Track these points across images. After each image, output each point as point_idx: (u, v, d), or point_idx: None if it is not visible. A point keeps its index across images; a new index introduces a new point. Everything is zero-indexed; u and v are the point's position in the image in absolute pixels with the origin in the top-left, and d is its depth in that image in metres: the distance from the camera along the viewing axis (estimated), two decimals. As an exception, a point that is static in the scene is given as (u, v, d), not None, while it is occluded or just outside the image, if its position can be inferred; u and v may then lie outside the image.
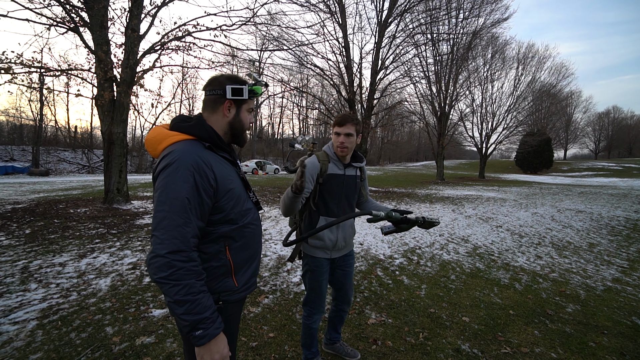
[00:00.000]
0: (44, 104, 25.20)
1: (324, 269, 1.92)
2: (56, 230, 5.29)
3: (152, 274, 0.95)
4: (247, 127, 1.24)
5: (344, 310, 2.14)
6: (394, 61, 13.41)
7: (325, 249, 1.89)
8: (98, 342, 2.30)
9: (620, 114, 65.52)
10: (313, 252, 1.90)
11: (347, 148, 1.80)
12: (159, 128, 1.15)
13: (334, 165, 1.85)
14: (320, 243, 1.87)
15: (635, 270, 4.43)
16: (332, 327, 2.22)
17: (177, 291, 0.94)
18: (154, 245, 0.96)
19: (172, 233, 0.96)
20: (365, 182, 2.05)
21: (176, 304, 0.95)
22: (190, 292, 0.96)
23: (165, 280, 0.94)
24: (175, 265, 0.94)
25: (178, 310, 0.95)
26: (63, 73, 7.26)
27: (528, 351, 2.38)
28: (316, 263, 1.90)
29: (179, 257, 0.95)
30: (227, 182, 1.11)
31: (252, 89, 1.20)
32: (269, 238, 5.35)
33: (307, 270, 1.94)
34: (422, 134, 51.34)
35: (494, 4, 17.06)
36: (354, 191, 1.94)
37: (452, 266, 4.29)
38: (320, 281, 1.92)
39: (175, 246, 0.95)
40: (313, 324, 1.98)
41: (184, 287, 0.95)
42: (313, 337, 2.01)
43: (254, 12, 8.22)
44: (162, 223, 0.96)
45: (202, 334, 0.98)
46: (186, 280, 0.95)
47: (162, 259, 0.94)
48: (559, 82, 28.37)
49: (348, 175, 1.89)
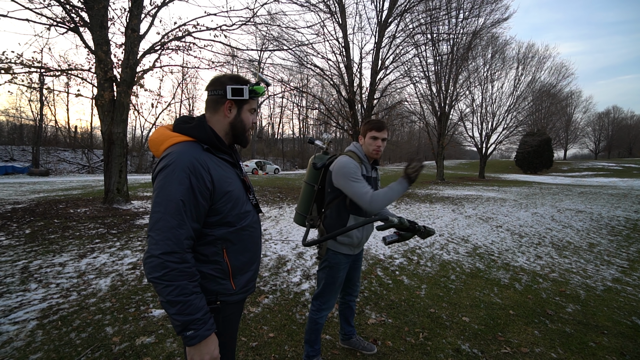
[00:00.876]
0: (44, 104, 25.21)
1: (343, 265, 1.96)
2: (56, 230, 5.29)
3: (146, 273, 0.98)
4: (249, 127, 1.23)
5: (352, 300, 2.22)
6: (394, 61, 13.40)
7: (351, 245, 1.94)
8: (98, 342, 2.30)
9: (620, 114, 65.59)
10: (339, 248, 1.94)
11: (381, 151, 1.91)
12: (161, 129, 1.16)
13: (364, 168, 1.92)
14: (348, 240, 1.91)
15: (635, 270, 4.43)
16: (345, 321, 2.26)
17: (169, 291, 0.96)
18: (149, 245, 0.98)
19: (167, 234, 0.97)
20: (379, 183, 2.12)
21: (169, 304, 0.97)
22: (182, 293, 0.97)
23: (158, 281, 0.96)
24: (168, 266, 0.96)
25: (170, 310, 0.97)
26: (63, 73, 7.26)
27: (528, 351, 2.38)
28: (337, 259, 1.93)
29: (173, 259, 0.97)
30: (225, 184, 1.11)
31: (254, 89, 1.19)
32: (269, 238, 5.35)
33: (325, 266, 1.97)
34: (422, 134, 51.32)
35: (494, 4, 17.04)
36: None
37: (452, 266, 4.29)
38: (337, 277, 1.96)
39: (169, 247, 0.97)
40: (320, 319, 2.00)
41: (176, 287, 0.96)
42: (318, 333, 2.03)
43: (254, 12, 8.22)
44: (158, 224, 0.98)
45: (193, 335, 0.99)
46: (179, 281, 0.97)
47: (156, 260, 0.96)
48: (559, 82, 28.39)
49: (374, 177, 1.99)
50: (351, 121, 11.94)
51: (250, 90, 1.17)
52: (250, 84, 1.19)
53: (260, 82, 1.23)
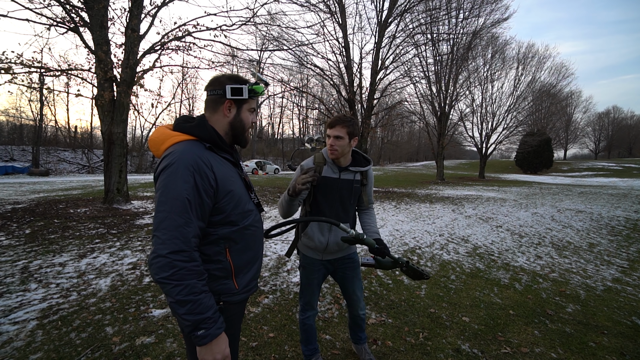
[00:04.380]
0: (44, 104, 25.21)
1: (315, 267, 1.92)
2: (56, 230, 5.29)
3: (154, 274, 0.95)
4: (248, 127, 1.23)
5: (355, 314, 2.06)
6: (394, 61, 13.41)
7: (316, 249, 1.89)
8: (98, 342, 2.30)
9: (620, 114, 65.59)
10: (305, 250, 1.93)
11: (336, 151, 1.74)
12: (162, 128, 1.16)
13: (329, 169, 1.81)
14: (311, 243, 1.87)
15: (635, 270, 4.43)
16: (351, 329, 2.21)
17: (179, 291, 0.94)
18: (156, 245, 0.96)
19: (174, 233, 0.96)
20: (367, 188, 1.95)
21: (178, 304, 0.95)
22: (192, 292, 0.96)
23: (167, 281, 0.94)
24: (177, 266, 0.94)
25: (180, 311, 0.95)
26: (63, 73, 7.26)
27: (528, 351, 2.38)
28: (307, 261, 1.93)
29: (181, 257, 0.95)
30: (227, 183, 1.11)
31: (253, 89, 1.18)
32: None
33: (300, 265, 1.98)
34: (422, 134, 51.35)
35: (494, 4, 17.06)
36: (350, 196, 1.86)
37: (452, 266, 4.29)
38: (311, 278, 1.94)
39: (177, 246, 0.95)
40: (306, 319, 1.99)
41: (185, 287, 0.95)
42: (308, 333, 2.02)
43: (254, 12, 8.23)
44: (164, 223, 0.96)
45: (204, 334, 0.98)
46: (188, 280, 0.95)
47: (163, 259, 0.94)
48: (558, 82, 28.39)
49: (344, 180, 1.82)
50: (351, 121, 11.92)
51: (249, 89, 1.17)
52: (249, 83, 1.19)
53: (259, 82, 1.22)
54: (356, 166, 1.85)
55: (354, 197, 1.89)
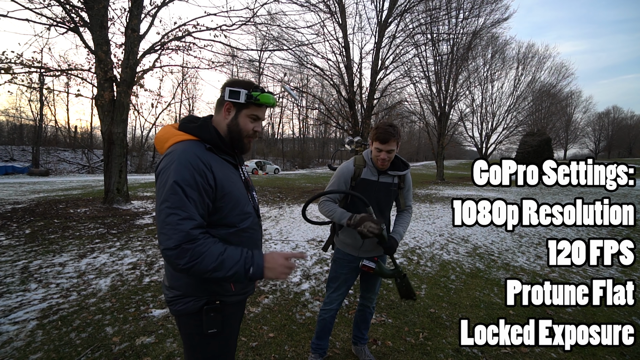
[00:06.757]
0: (44, 104, 25.23)
1: (345, 262, 1.97)
2: (56, 230, 5.29)
3: (174, 267, 0.99)
4: (246, 133, 1.20)
5: (366, 306, 2.15)
6: (394, 61, 13.42)
7: (353, 246, 1.94)
8: (98, 342, 2.30)
9: (620, 114, 65.62)
10: (342, 246, 1.98)
11: (387, 162, 1.81)
12: (167, 127, 1.18)
13: (368, 171, 1.87)
14: (349, 240, 1.94)
15: (635, 270, 4.43)
16: (356, 326, 2.23)
17: (206, 263, 0.98)
18: (163, 242, 0.98)
19: (178, 227, 0.98)
20: (405, 192, 1.99)
21: (216, 270, 0.99)
22: (217, 253, 1.00)
23: (189, 264, 0.97)
24: (189, 248, 0.97)
25: (221, 273, 1.00)
26: (63, 73, 7.26)
27: (528, 351, 2.38)
28: (340, 255, 1.98)
29: (189, 244, 0.98)
30: (226, 184, 1.11)
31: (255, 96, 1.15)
32: (269, 238, 5.35)
33: (333, 258, 2.03)
34: (422, 134, 51.36)
35: (494, 4, 17.08)
36: (387, 198, 1.92)
37: (452, 266, 4.29)
38: (339, 272, 1.99)
39: (183, 238, 0.98)
40: (325, 313, 2.02)
41: (207, 255, 0.98)
42: (323, 329, 2.04)
43: (254, 12, 8.23)
44: (167, 219, 0.98)
45: (255, 269, 1.04)
46: (206, 250, 0.99)
47: (174, 251, 0.96)
48: (558, 82, 28.46)
49: (382, 182, 1.88)
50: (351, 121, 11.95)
51: (248, 95, 1.15)
52: (252, 89, 1.16)
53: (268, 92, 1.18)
54: (395, 170, 1.91)
55: (391, 200, 1.96)
